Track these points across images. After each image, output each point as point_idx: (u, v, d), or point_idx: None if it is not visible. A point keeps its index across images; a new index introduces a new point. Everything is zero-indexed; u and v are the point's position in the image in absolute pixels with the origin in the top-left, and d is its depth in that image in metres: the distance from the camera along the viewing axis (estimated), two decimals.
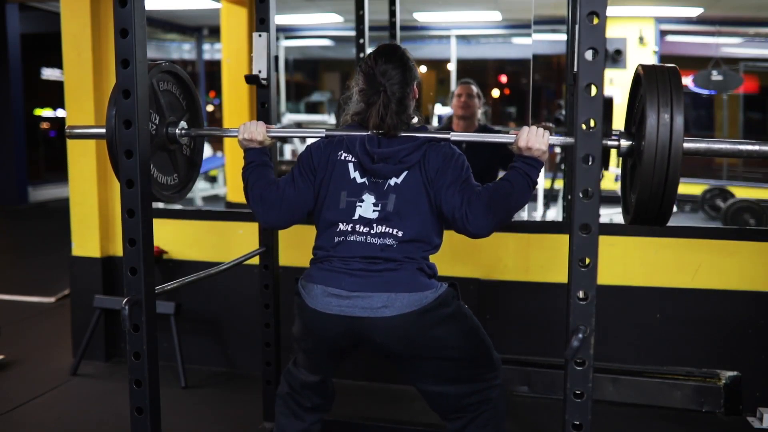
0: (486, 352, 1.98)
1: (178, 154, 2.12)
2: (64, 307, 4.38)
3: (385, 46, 2.00)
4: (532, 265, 3.12)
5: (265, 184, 1.99)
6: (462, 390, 1.94)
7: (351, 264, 1.87)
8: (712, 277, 2.96)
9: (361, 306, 1.82)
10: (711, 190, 7.97)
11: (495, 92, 11.35)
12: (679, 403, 2.95)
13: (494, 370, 2.00)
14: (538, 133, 1.82)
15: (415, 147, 1.90)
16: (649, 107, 1.60)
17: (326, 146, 1.98)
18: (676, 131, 1.58)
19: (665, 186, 1.61)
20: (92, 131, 2.07)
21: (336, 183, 1.93)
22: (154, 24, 10.44)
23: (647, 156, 1.59)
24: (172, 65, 2.06)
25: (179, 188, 2.16)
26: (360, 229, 1.89)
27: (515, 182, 1.84)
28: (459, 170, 1.90)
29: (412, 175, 1.90)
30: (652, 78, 1.63)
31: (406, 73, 1.94)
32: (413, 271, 1.87)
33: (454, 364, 1.92)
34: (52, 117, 10.95)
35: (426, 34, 10.53)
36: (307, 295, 1.90)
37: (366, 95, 1.94)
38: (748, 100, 9.99)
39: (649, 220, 1.71)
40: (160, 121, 2.00)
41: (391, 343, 1.86)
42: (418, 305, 1.83)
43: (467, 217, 1.85)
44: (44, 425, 2.86)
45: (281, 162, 6.99)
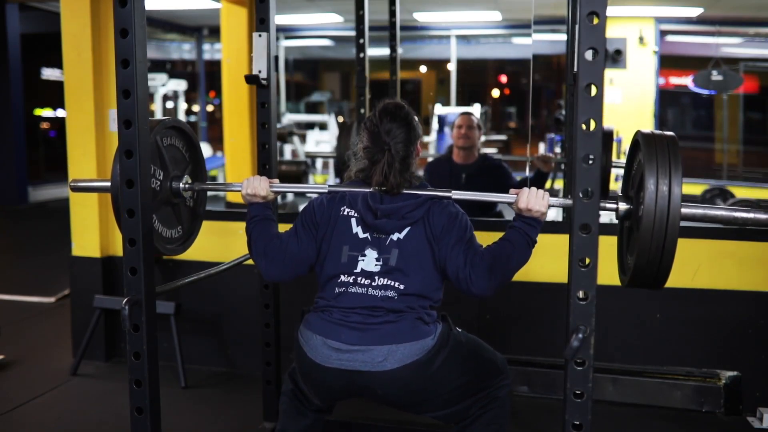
0: (489, 364, 2.01)
1: (181, 207, 2.14)
2: (64, 307, 4.37)
3: (389, 104, 2.01)
4: (532, 265, 3.09)
5: (269, 238, 2.00)
6: (470, 402, 1.97)
7: (351, 316, 1.88)
8: (712, 277, 2.96)
9: (362, 360, 1.83)
10: (711, 190, 7.97)
11: (495, 92, 11.35)
12: (679, 403, 2.95)
13: (500, 374, 2.02)
14: (538, 195, 1.84)
15: (418, 204, 1.93)
16: (648, 175, 1.62)
17: (329, 202, 2.00)
18: (674, 200, 1.60)
19: (662, 253, 1.63)
20: (97, 184, 2.10)
21: (338, 238, 1.95)
22: (154, 24, 10.45)
23: (645, 223, 1.62)
24: (174, 119, 2.09)
25: (183, 240, 2.17)
26: (361, 281, 1.90)
27: (516, 242, 1.87)
28: (463, 230, 1.93)
29: (415, 231, 1.92)
30: (651, 145, 1.66)
31: (410, 133, 1.97)
32: (413, 321, 1.88)
33: (460, 389, 1.94)
34: (52, 117, 10.94)
35: (426, 34, 10.53)
36: (305, 344, 1.91)
37: (370, 153, 1.96)
38: (748, 100, 9.99)
39: (646, 284, 1.74)
40: (164, 175, 2.02)
41: (394, 394, 1.88)
42: (419, 354, 1.84)
43: (470, 278, 1.87)
44: (44, 425, 2.86)
45: (281, 162, 7.00)
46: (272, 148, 2.50)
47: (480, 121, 3.79)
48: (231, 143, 5.10)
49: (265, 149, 2.50)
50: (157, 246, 1.92)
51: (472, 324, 3.13)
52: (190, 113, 11.74)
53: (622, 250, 1.92)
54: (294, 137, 8.91)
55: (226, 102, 5.24)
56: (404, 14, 6.17)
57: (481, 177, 3.67)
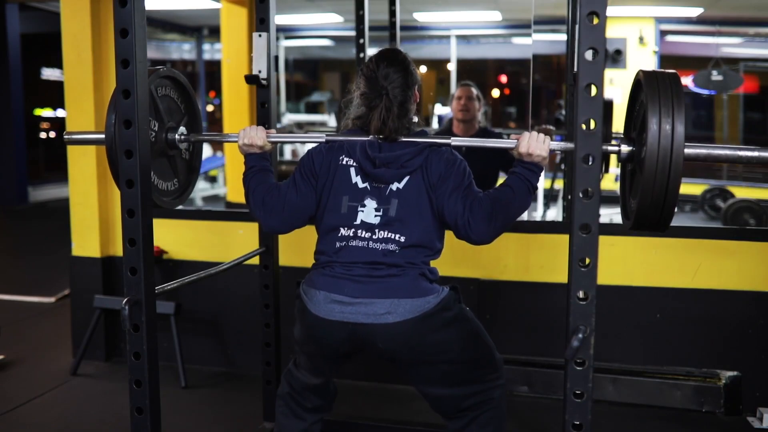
0: (488, 353, 1.99)
1: (177, 159, 2.12)
2: (64, 307, 4.37)
3: (386, 50, 2.00)
4: (532, 265, 3.12)
5: (267, 188, 1.98)
6: (464, 391, 1.95)
7: (353, 270, 1.87)
8: (712, 277, 2.96)
9: (364, 312, 1.83)
10: (711, 190, 7.98)
11: (495, 92, 11.35)
12: (679, 403, 2.95)
13: (496, 371, 2.00)
14: (539, 139, 1.81)
15: (417, 152, 1.90)
16: (651, 114, 1.60)
17: (327, 151, 1.98)
18: (678, 139, 1.58)
19: (666, 193, 1.61)
20: (91, 137, 2.07)
21: (337, 188, 1.93)
22: (154, 24, 10.45)
23: (648, 164, 1.60)
24: (169, 69, 2.06)
25: (179, 193, 2.16)
26: (362, 234, 1.89)
27: (516, 188, 1.85)
28: (461, 177, 1.90)
29: (414, 180, 1.90)
30: (652, 84, 1.64)
31: (407, 77, 1.94)
32: (415, 277, 1.87)
33: (457, 367, 1.92)
34: (52, 117, 10.94)
35: (426, 34, 10.53)
36: (309, 300, 1.90)
37: (368, 99, 1.94)
38: (748, 100, 9.99)
39: (650, 226, 1.72)
40: (159, 126, 2.00)
41: (394, 349, 1.86)
42: (421, 311, 1.83)
43: (469, 224, 1.85)
44: (44, 425, 2.86)
45: (281, 162, 7.00)
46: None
47: (479, 92, 3.73)
48: (231, 143, 5.11)
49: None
50: (153, 198, 1.89)
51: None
52: None
53: (625, 194, 1.89)
54: None
55: (226, 102, 5.25)
56: (404, 14, 6.16)
57: (482, 150, 3.63)
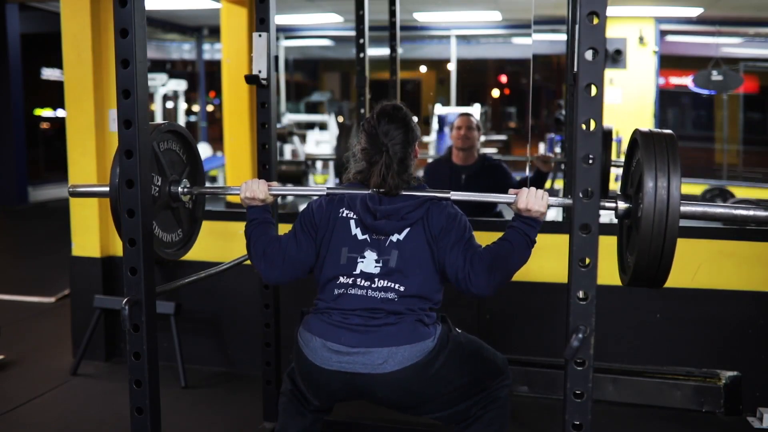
0: (489, 365, 2.00)
1: (181, 210, 2.14)
2: (64, 307, 4.37)
3: (387, 106, 2.01)
4: (532, 265, 3.10)
5: (268, 241, 2.00)
6: (470, 403, 1.97)
7: (350, 318, 1.87)
8: (712, 277, 2.96)
9: (362, 362, 1.83)
10: (711, 190, 7.98)
11: (495, 92, 11.35)
12: (679, 403, 2.95)
13: (500, 374, 2.02)
14: (537, 195, 1.84)
15: (418, 204, 1.92)
16: (647, 175, 1.62)
17: (327, 204, 2.00)
18: (673, 200, 1.60)
19: (662, 251, 1.63)
20: (96, 190, 2.09)
21: (337, 240, 1.95)
22: (154, 24, 10.45)
23: (645, 224, 1.62)
24: (170, 123, 2.09)
25: (184, 243, 2.17)
26: (361, 283, 1.90)
27: (515, 242, 1.87)
28: (462, 231, 1.93)
29: (414, 232, 1.92)
30: (649, 144, 1.66)
31: (408, 134, 1.96)
32: (413, 323, 1.88)
33: (461, 390, 1.94)
34: (52, 117, 10.94)
35: (426, 34, 10.53)
36: (305, 346, 1.90)
37: (368, 154, 1.96)
38: (748, 100, 10.00)
39: (646, 283, 1.74)
40: (163, 181, 2.02)
41: (393, 397, 1.87)
42: (420, 356, 1.84)
43: (470, 278, 1.87)
44: (44, 425, 2.86)
45: (281, 162, 6.99)
46: (272, 148, 2.50)
47: (479, 122, 3.79)
48: (231, 143, 5.10)
49: (265, 149, 2.50)
50: (156, 251, 1.92)
51: (472, 324, 3.12)
52: (190, 113, 11.74)
53: (622, 249, 1.92)
54: (294, 137, 8.92)
55: (226, 102, 5.24)
56: (404, 14, 6.17)
57: (480, 178, 3.67)
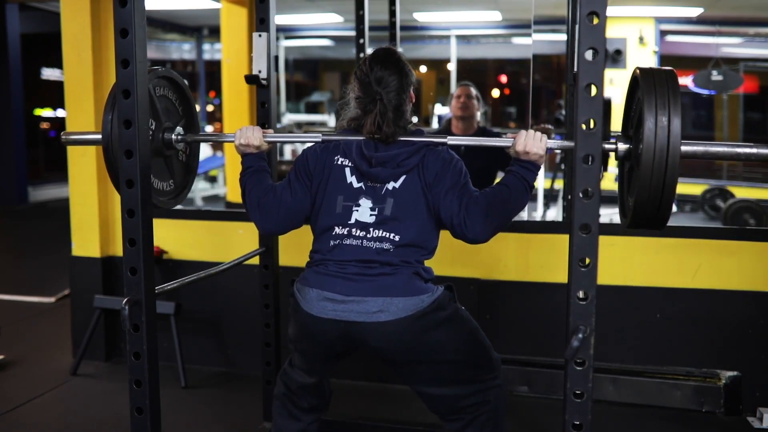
0: (484, 353, 1.98)
1: (174, 160, 2.12)
2: (64, 307, 4.37)
3: (380, 50, 1.98)
4: (532, 265, 3.12)
5: (263, 190, 1.98)
6: (460, 391, 1.94)
7: (346, 268, 1.86)
8: (712, 277, 2.96)
9: (357, 311, 1.82)
10: (711, 190, 7.98)
11: (495, 92, 11.35)
12: (679, 403, 2.95)
13: (493, 371, 1.99)
14: (536, 137, 1.81)
15: (414, 151, 1.90)
16: (647, 110, 1.60)
17: (322, 151, 1.97)
18: (674, 135, 1.58)
19: (663, 190, 1.61)
20: (89, 137, 2.07)
21: (332, 188, 1.93)
22: (154, 24, 10.45)
23: (645, 160, 1.59)
24: (168, 70, 2.06)
25: (176, 193, 2.16)
26: (356, 233, 1.88)
27: (512, 187, 1.84)
28: (458, 175, 1.90)
29: (410, 179, 1.90)
30: (649, 81, 1.63)
31: (402, 79, 1.93)
32: (409, 276, 1.86)
33: (452, 367, 1.91)
34: (52, 117, 10.94)
35: (426, 34, 10.52)
36: (302, 298, 1.89)
37: (362, 103, 1.93)
38: (748, 100, 10.00)
39: (647, 224, 1.72)
40: (156, 126, 2.00)
41: (387, 348, 1.86)
42: (414, 310, 1.82)
43: (465, 223, 1.84)
44: (44, 425, 2.86)
45: (281, 162, 7.00)
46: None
47: (479, 93, 3.75)
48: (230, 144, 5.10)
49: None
50: None
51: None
52: None
53: (623, 192, 1.88)
54: None
55: (226, 102, 5.25)
56: (404, 14, 6.16)
57: (480, 149, 3.64)
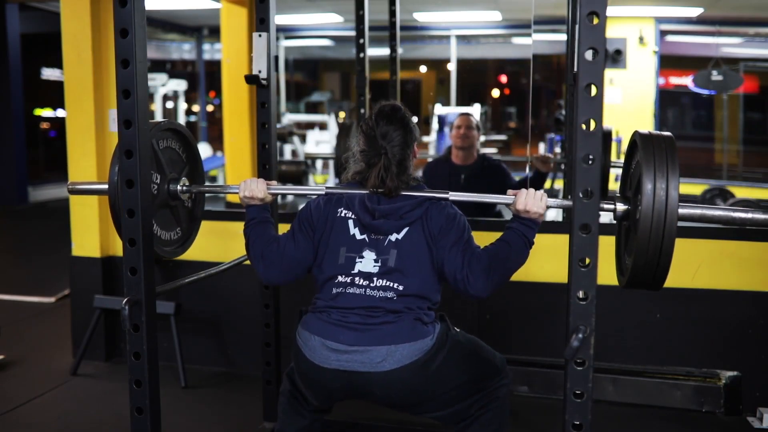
0: (487, 365, 2.00)
1: (180, 209, 2.14)
2: (64, 307, 4.37)
3: (386, 106, 2.01)
4: (532, 265, 3.10)
5: (266, 241, 2.00)
6: (468, 403, 1.96)
7: (349, 317, 1.87)
8: (712, 277, 2.96)
9: (360, 361, 1.82)
10: (711, 190, 7.97)
11: (495, 92, 11.35)
12: (679, 403, 2.95)
13: (498, 374, 2.01)
14: (536, 197, 1.84)
15: (416, 204, 1.92)
16: (646, 177, 1.62)
17: (326, 204, 2.00)
18: (672, 202, 1.60)
19: (660, 254, 1.64)
20: (95, 187, 2.09)
21: (335, 239, 1.95)
22: (154, 24, 10.45)
23: (643, 226, 1.62)
24: (170, 122, 2.10)
25: (182, 241, 2.18)
26: (359, 282, 1.90)
27: (513, 244, 1.86)
28: (461, 231, 1.92)
29: (413, 231, 1.92)
30: (648, 146, 1.66)
31: (407, 135, 1.96)
32: (411, 321, 1.87)
33: (458, 390, 1.93)
34: (52, 117, 10.94)
35: (426, 34, 10.53)
36: (304, 345, 1.90)
37: (367, 156, 1.96)
38: (748, 100, 9.99)
39: (644, 285, 1.74)
40: (162, 179, 2.02)
41: (392, 395, 1.87)
42: (419, 355, 1.83)
43: (468, 279, 1.87)
44: (44, 425, 2.86)
45: (281, 162, 6.99)
46: (272, 148, 2.50)
47: (479, 122, 3.80)
48: (231, 143, 5.11)
49: (265, 149, 2.50)
50: (156, 250, 1.92)
51: (472, 324, 3.13)
52: (190, 113, 11.74)
53: (620, 251, 1.92)
54: (294, 137, 8.91)
55: (226, 102, 5.25)
56: (404, 14, 6.16)
57: (480, 178, 3.67)
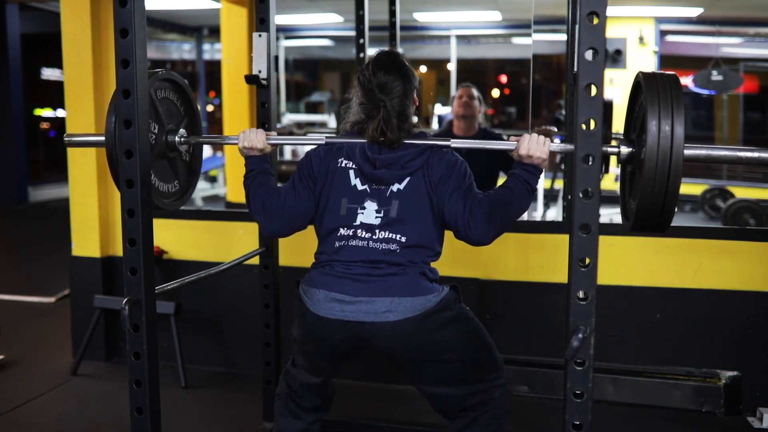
0: (488, 353, 1.99)
1: (178, 161, 2.13)
2: (64, 307, 4.37)
3: (383, 54, 1.98)
4: (532, 265, 3.11)
5: (267, 192, 1.99)
6: (465, 391, 1.95)
7: (353, 268, 1.86)
8: (712, 277, 2.96)
9: (365, 311, 1.82)
10: (711, 190, 7.97)
11: (495, 92, 11.35)
12: (679, 403, 2.95)
13: (497, 370, 2.00)
14: (539, 141, 1.82)
15: (418, 153, 1.91)
16: (650, 115, 1.60)
17: (326, 154, 1.98)
18: (677, 140, 1.59)
19: (666, 194, 1.62)
20: (91, 139, 2.07)
21: (336, 190, 1.93)
22: (154, 24, 10.44)
23: (648, 165, 1.60)
24: (168, 72, 2.07)
25: (180, 195, 2.17)
26: (362, 234, 1.89)
27: (515, 189, 1.85)
28: (462, 178, 1.91)
29: (415, 181, 1.91)
30: (652, 85, 1.64)
31: (406, 85, 1.94)
32: (416, 275, 1.87)
33: (457, 366, 1.92)
34: (52, 117, 10.94)
35: (426, 34, 10.52)
36: (309, 299, 1.89)
37: (366, 109, 1.94)
38: (748, 100, 9.98)
39: (650, 227, 1.73)
40: (159, 129, 2.01)
41: (394, 347, 1.86)
42: (421, 309, 1.83)
43: (469, 225, 1.86)
44: (44, 425, 2.86)
45: (281, 162, 7.00)
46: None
47: (480, 95, 3.76)
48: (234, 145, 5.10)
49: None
50: (154, 201, 1.91)
51: None
52: None
53: (625, 195, 1.89)
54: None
55: (226, 102, 5.25)
56: (404, 14, 6.16)
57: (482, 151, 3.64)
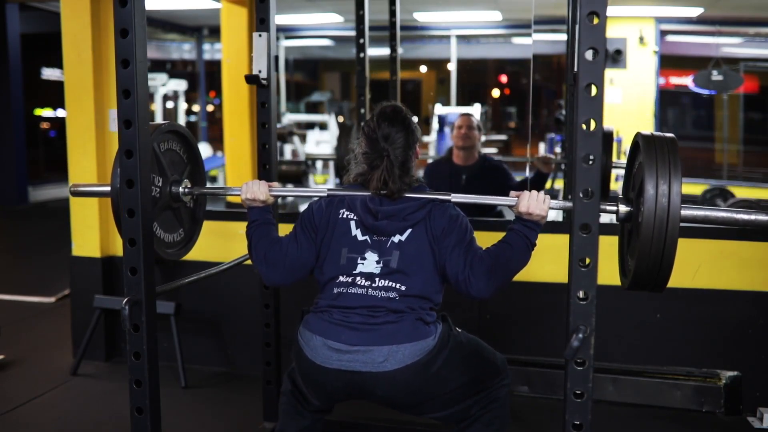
0: (489, 366, 2.00)
1: (182, 210, 2.14)
2: (64, 307, 4.37)
3: (387, 107, 2.00)
4: (532, 265, 3.10)
5: (269, 243, 2.00)
6: (469, 403, 1.97)
7: (351, 317, 1.87)
8: (712, 277, 2.96)
9: (362, 360, 1.82)
10: (711, 190, 7.96)
11: (495, 92, 11.35)
12: (679, 403, 2.95)
13: (499, 374, 2.02)
14: (539, 199, 1.83)
15: (420, 205, 1.93)
16: (648, 178, 1.62)
17: (327, 205, 2.00)
18: (674, 205, 1.60)
19: (663, 256, 1.63)
20: (96, 189, 2.09)
21: (337, 241, 1.95)
22: (154, 24, 10.45)
23: (645, 228, 1.62)
24: (171, 124, 2.09)
25: (184, 243, 2.18)
26: (361, 282, 1.90)
27: (515, 245, 1.86)
28: (464, 232, 1.92)
29: (416, 233, 1.92)
30: (650, 148, 1.65)
31: (409, 137, 1.96)
32: (413, 321, 1.87)
33: (458, 391, 1.94)
34: (52, 117, 10.94)
35: (426, 34, 10.53)
36: (305, 345, 1.90)
37: (369, 158, 1.96)
38: (748, 100, 9.99)
39: (647, 287, 1.74)
40: (163, 181, 2.02)
41: (394, 396, 1.87)
42: (420, 354, 1.83)
43: (469, 280, 1.87)
44: (44, 425, 2.86)
45: (281, 162, 6.99)
46: (272, 148, 2.50)
47: (480, 122, 3.80)
48: (231, 143, 5.10)
49: (265, 149, 2.50)
50: (158, 251, 1.93)
51: (472, 324, 3.12)
52: (190, 113, 11.73)
53: (623, 252, 1.92)
54: (294, 137, 8.91)
55: (226, 102, 5.24)
56: (404, 14, 6.16)
57: (481, 178, 3.67)
